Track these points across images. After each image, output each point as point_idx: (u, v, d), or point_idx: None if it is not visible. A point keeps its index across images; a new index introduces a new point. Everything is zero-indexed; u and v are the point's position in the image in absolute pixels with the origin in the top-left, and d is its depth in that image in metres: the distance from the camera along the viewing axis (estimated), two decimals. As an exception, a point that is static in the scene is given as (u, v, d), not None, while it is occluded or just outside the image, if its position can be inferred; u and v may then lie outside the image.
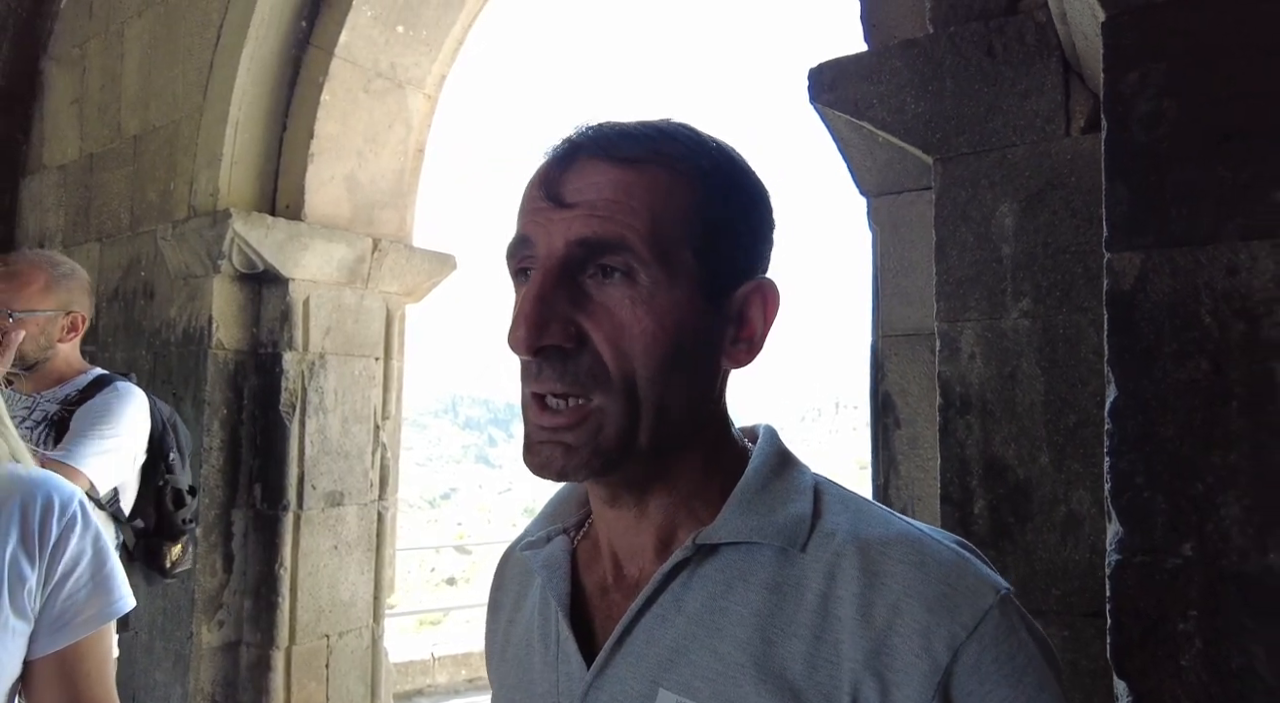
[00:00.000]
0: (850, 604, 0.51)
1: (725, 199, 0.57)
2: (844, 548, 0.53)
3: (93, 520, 0.98)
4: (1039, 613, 1.31)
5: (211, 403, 2.78)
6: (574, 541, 0.65)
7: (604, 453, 0.54)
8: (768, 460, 0.59)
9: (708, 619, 0.54)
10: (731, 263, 0.57)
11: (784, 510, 0.56)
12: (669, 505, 0.59)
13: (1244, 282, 0.81)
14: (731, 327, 0.58)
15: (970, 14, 1.41)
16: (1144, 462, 0.85)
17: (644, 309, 0.53)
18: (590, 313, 0.54)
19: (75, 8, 3.60)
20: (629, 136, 0.56)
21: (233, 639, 2.81)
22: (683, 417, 0.56)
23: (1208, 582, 0.80)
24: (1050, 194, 1.34)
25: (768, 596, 0.54)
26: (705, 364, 0.57)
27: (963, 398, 1.38)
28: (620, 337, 0.53)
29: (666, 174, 0.55)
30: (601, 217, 0.54)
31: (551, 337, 0.53)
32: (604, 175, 0.55)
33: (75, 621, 0.93)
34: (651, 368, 0.54)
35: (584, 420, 0.54)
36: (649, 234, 0.53)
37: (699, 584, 0.56)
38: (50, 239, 3.58)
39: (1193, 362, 0.83)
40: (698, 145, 0.58)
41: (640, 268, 0.53)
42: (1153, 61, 0.86)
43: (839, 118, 1.55)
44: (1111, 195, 0.89)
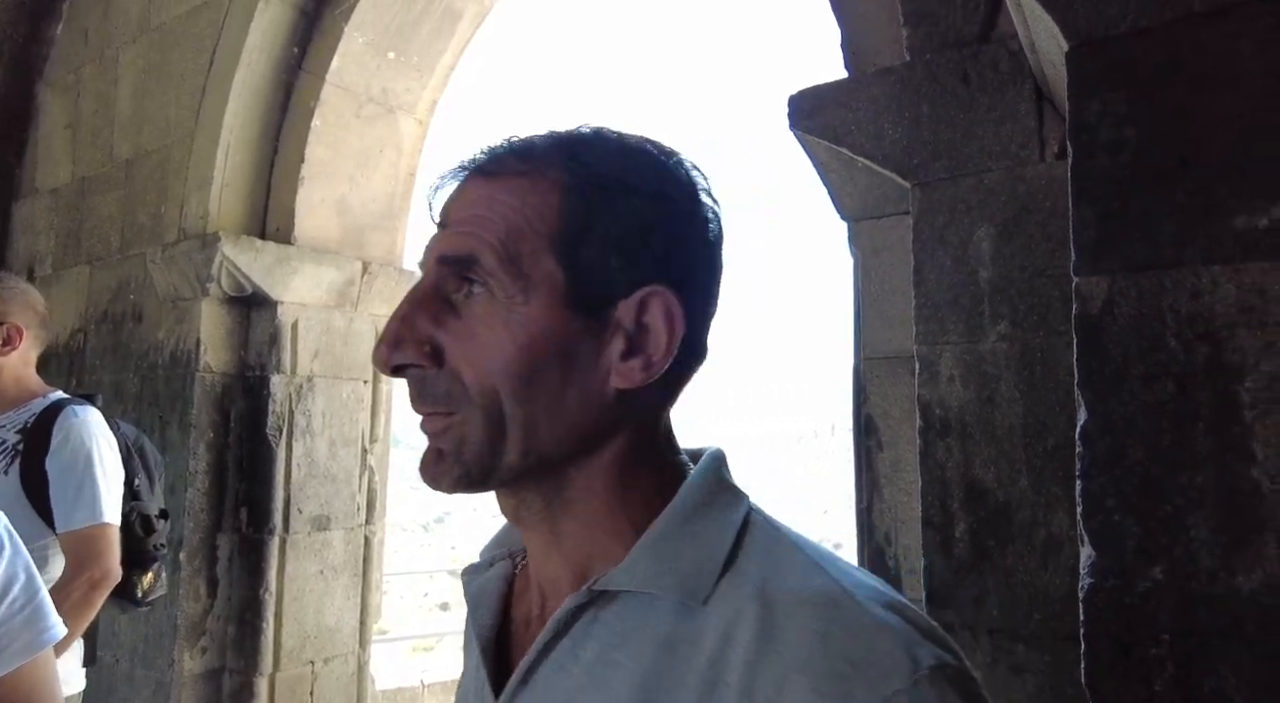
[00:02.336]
0: (737, 672, 0.45)
1: (598, 200, 0.52)
2: (746, 605, 0.47)
3: (21, 546, 0.94)
4: (1019, 637, 1.30)
5: (198, 426, 2.77)
6: (517, 567, 0.61)
7: (467, 463, 0.52)
8: (694, 494, 0.53)
9: (599, 673, 0.49)
10: (607, 271, 0.52)
11: (689, 555, 0.50)
12: (579, 537, 0.54)
13: (1206, 305, 0.82)
14: (620, 341, 0.52)
15: (946, 42, 1.44)
16: (1114, 484, 0.85)
17: (500, 324, 0.51)
18: (451, 331, 0.52)
19: (70, 34, 3.64)
20: (503, 151, 0.54)
21: (216, 666, 2.77)
22: (559, 435, 0.52)
23: (1178, 605, 0.80)
24: (1026, 219, 1.36)
25: (659, 653, 0.48)
26: (579, 381, 0.52)
27: (942, 421, 1.39)
28: (477, 353, 0.51)
29: (529, 181, 0.53)
30: (463, 233, 0.52)
31: (404, 356, 0.52)
32: (475, 192, 0.54)
33: (8, 650, 0.90)
34: (511, 384, 0.51)
35: (449, 429, 0.52)
36: (501, 245, 0.51)
37: (598, 632, 0.51)
38: (40, 262, 3.59)
39: (1160, 384, 0.84)
40: (578, 146, 0.54)
41: (493, 281, 0.51)
42: (1113, 90, 0.88)
43: (819, 144, 1.57)
44: (1078, 220, 0.91)
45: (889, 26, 1.61)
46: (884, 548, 1.61)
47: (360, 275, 2.99)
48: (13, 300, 1.76)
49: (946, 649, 0.45)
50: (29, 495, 1.63)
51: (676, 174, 0.55)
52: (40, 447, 1.65)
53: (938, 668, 0.43)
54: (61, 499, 1.63)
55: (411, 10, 2.98)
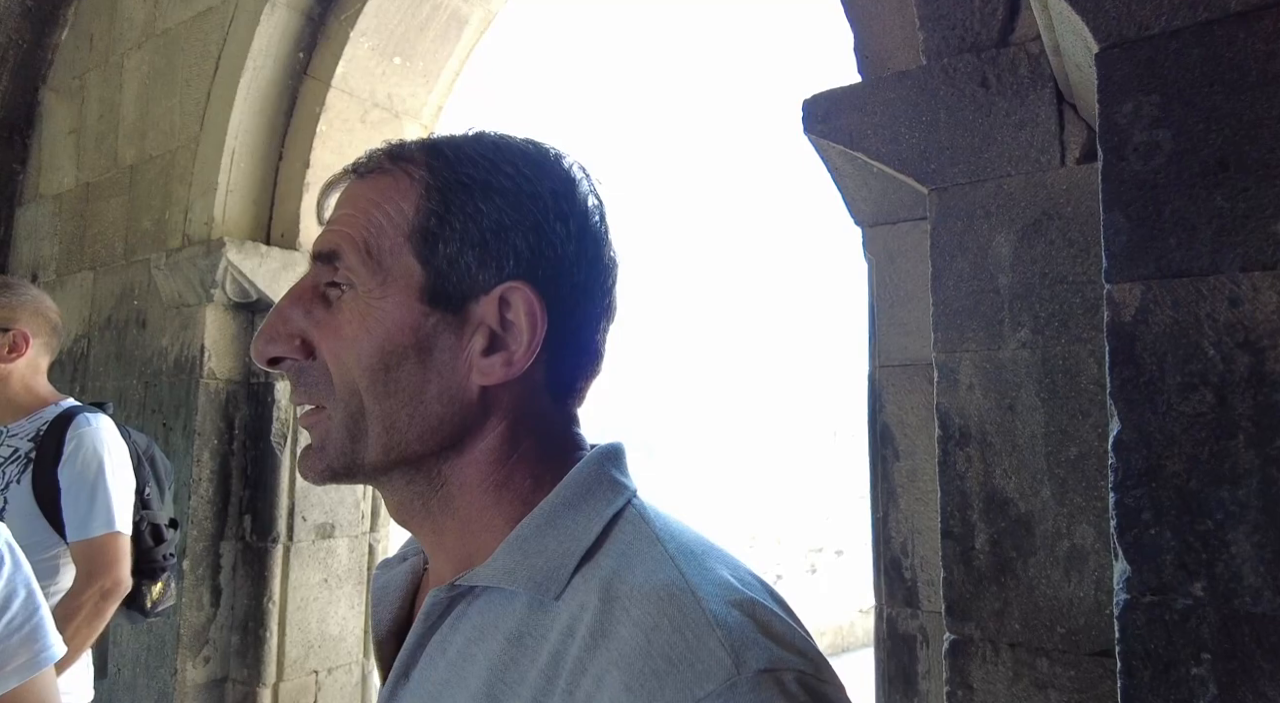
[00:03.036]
0: (569, 667, 0.44)
1: (456, 197, 0.52)
2: (589, 599, 0.46)
3: (22, 562, 0.92)
4: (1043, 651, 1.27)
5: (202, 433, 2.74)
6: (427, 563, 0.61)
7: (330, 457, 0.53)
8: (566, 491, 0.52)
9: (460, 667, 0.50)
10: (465, 267, 0.52)
11: (552, 550, 0.49)
12: (459, 534, 0.54)
13: (1247, 313, 0.79)
14: (481, 337, 0.52)
15: (963, 46, 1.42)
16: (1150, 497, 0.82)
17: (359, 318, 0.52)
18: (322, 326, 0.53)
19: (76, 40, 3.63)
20: (383, 151, 0.55)
21: (219, 676, 2.74)
22: (420, 432, 0.52)
23: (1221, 623, 0.77)
24: (1046, 224, 1.33)
25: (507, 648, 0.48)
26: (438, 378, 0.52)
27: (962, 430, 1.36)
28: (340, 348, 0.52)
29: (392, 179, 0.54)
30: (331, 230, 0.54)
31: (277, 349, 0.53)
32: (347, 191, 0.55)
33: (6, 668, 0.88)
34: (368, 378, 0.51)
35: (317, 424, 0.54)
36: (362, 241, 0.52)
37: (463, 626, 0.51)
38: (44, 267, 3.57)
39: (1197, 394, 0.81)
40: (446, 146, 0.55)
41: (354, 276, 0.52)
42: (1146, 92, 0.86)
43: (833, 149, 1.55)
44: (1110, 226, 0.88)
45: (902, 30, 1.59)
46: (900, 559, 1.58)
47: (365, 281, 2.98)
48: (21, 307, 1.74)
49: (798, 654, 0.41)
50: (41, 504, 1.61)
51: (553, 172, 0.54)
52: (52, 455, 1.64)
53: (767, 672, 0.39)
54: (73, 508, 1.61)
55: (417, 16, 2.97)
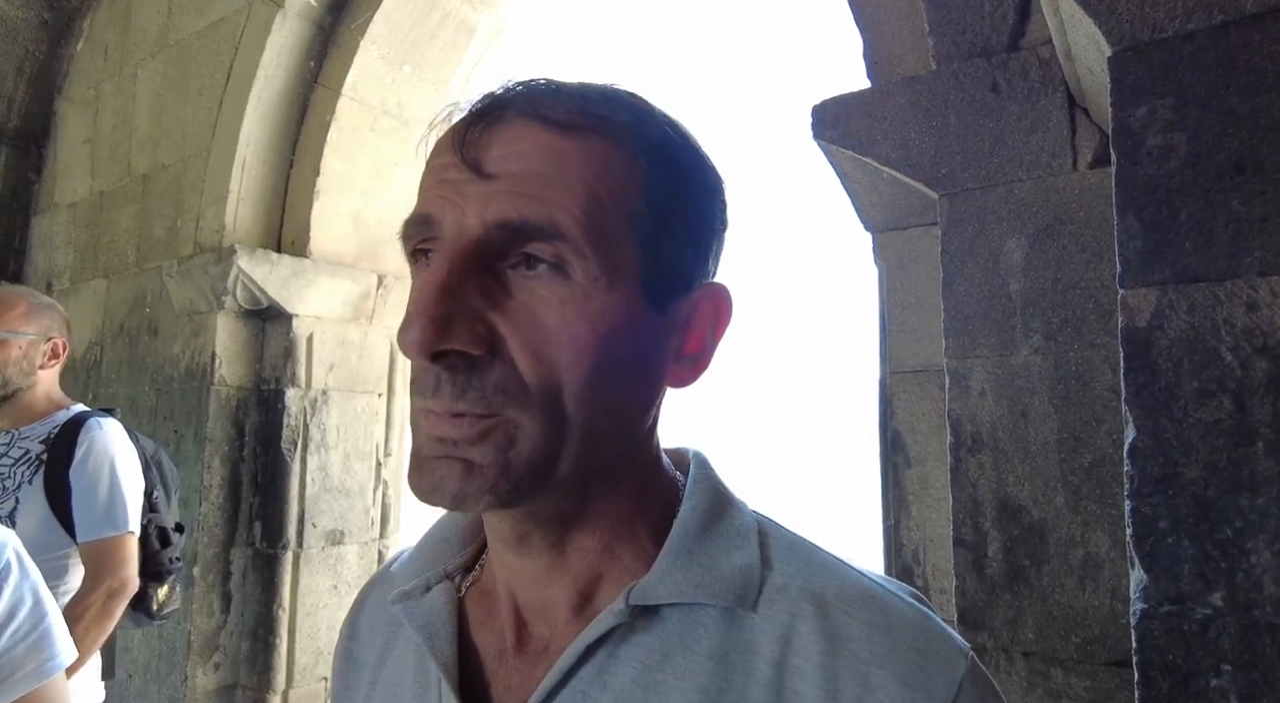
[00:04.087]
0: (811, 676, 0.42)
1: (677, 182, 0.47)
2: (800, 606, 0.45)
3: (29, 570, 0.92)
4: (1057, 661, 1.26)
5: (213, 439, 2.76)
6: (460, 589, 0.53)
7: (515, 476, 0.43)
8: (704, 497, 0.49)
9: (640, 697, 0.44)
10: (679, 261, 0.47)
11: (729, 561, 0.46)
12: (592, 552, 0.48)
13: (1265, 318, 0.78)
14: (677, 338, 0.47)
15: (973, 51, 1.41)
16: (1167, 505, 0.81)
17: (576, 311, 0.43)
18: (508, 312, 0.43)
19: (90, 50, 3.67)
20: (569, 97, 0.45)
21: (229, 683, 2.75)
22: (616, 444, 0.46)
23: (1241, 634, 0.76)
24: (1058, 229, 1.32)
25: (713, 667, 0.44)
26: (646, 382, 0.47)
27: (974, 436, 1.35)
28: (544, 343, 0.43)
29: (608, 146, 0.45)
30: (529, 195, 0.43)
31: (456, 339, 0.42)
32: (534, 142, 0.44)
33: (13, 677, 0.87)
34: (580, 382, 0.43)
35: (491, 433, 0.43)
36: (586, 218, 0.43)
37: (629, 653, 0.45)
38: (59, 275, 3.60)
39: (1215, 401, 0.80)
40: (645, 115, 0.47)
41: (575, 260, 0.43)
42: (1160, 95, 0.85)
43: (842, 154, 1.54)
44: (1124, 231, 0.88)
45: (912, 36, 1.59)
46: (912, 567, 1.57)
47: (375, 288, 2.99)
48: (56, 317, 1.81)
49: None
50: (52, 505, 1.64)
51: (715, 167, 0.51)
52: (64, 458, 1.66)
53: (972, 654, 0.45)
54: (84, 509, 1.63)
55: (426, 25, 2.99)
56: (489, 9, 3.06)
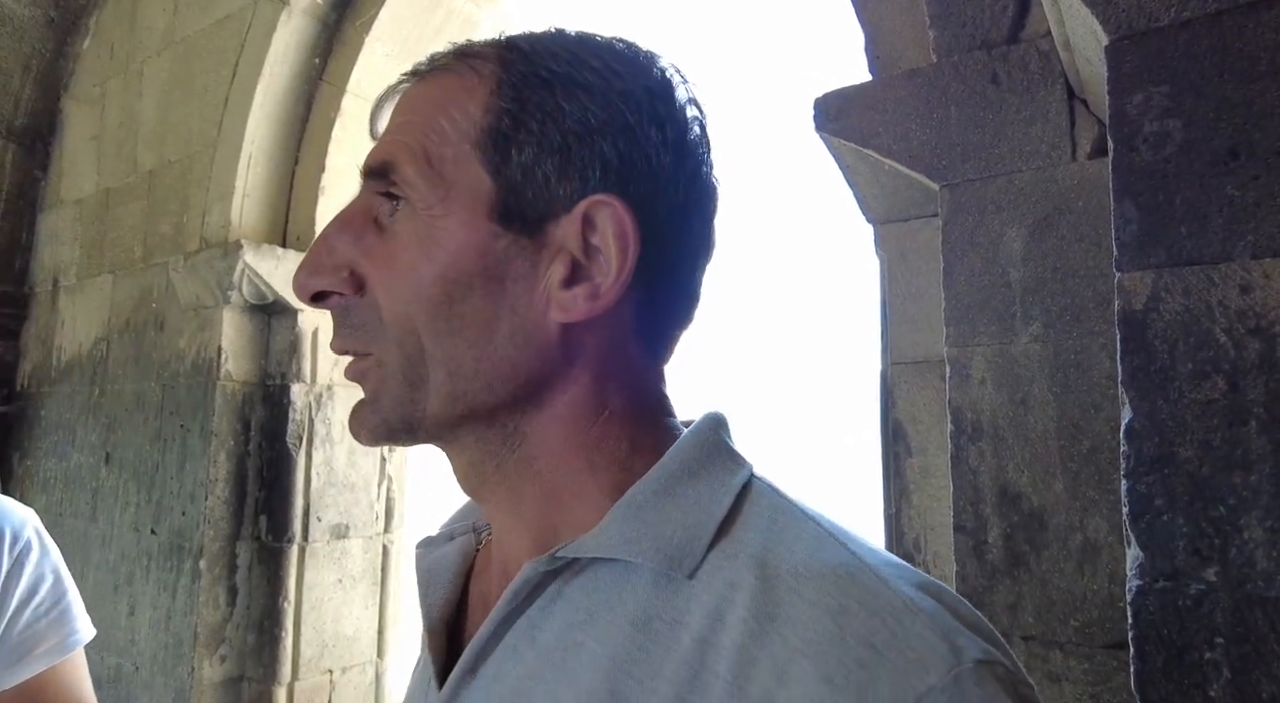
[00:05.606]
0: (729, 658, 0.36)
1: (534, 95, 0.43)
2: (741, 577, 0.39)
3: (50, 548, 0.94)
4: (1056, 644, 1.27)
5: (219, 434, 2.78)
6: (480, 542, 0.54)
7: (384, 412, 0.45)
8: (684, 454, 0.44)
9: (558, 657, 0.41)
10: (542, 179, 0.43)
11: (679, 520, 0.41)
12: (541, 500, 0.46)
13: (1258, 300, 0.80)
14: (561, 266, 0.44)
15: (974, 43, 1.43)
16: (1163, 483, 0.83)
17: (415, 242, 0.44)
18: (373, 255, 0.45)
19: (97, 48, 3.70)
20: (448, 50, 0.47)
21: (235, 675, 2.77)
22: (490, 379, 0.44)
23: (1234, 608, 0.78)
24: (1057, 219, 1.34)
25: (632, 633, 0.40)
26: (513, 312, 0.44)
27: (974, 424, 1.37)
28: (394, 279, 0.44)
29: (456, 76, 0.45)
30: (385, 141, 0.46)
31: (321, 282, 0.45)
32: (405, 96, 0.47)
33: (35, 653, 0.89)
34: (427, 313, 0.43)
35: (366, 374, 0.46)
36: (420, 148, 0.44)
37: (561, 609, 0.42)
38: (65, 272, 3.63)
39: (1209, 381, 0.82)
40: (522, 40, 0.46)
41: (411, 193, 0.44)
42: (1156, 83, 0.86)
43: (844, 146, 1.56)
44: (1120, 216, 0.89)
45: (913, 29, 1.61)
46: (913, 554, 1.58)
47: (380, 284, 3.01)
48: None
49: (995, 645, 0.36)
50: None
51: (645, 70, 0.46)
52: None
53: (984, 663, 0.34)
54: None
55: (431, 22, 3.01)
56: (492, 6, 3.08)
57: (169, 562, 2.84)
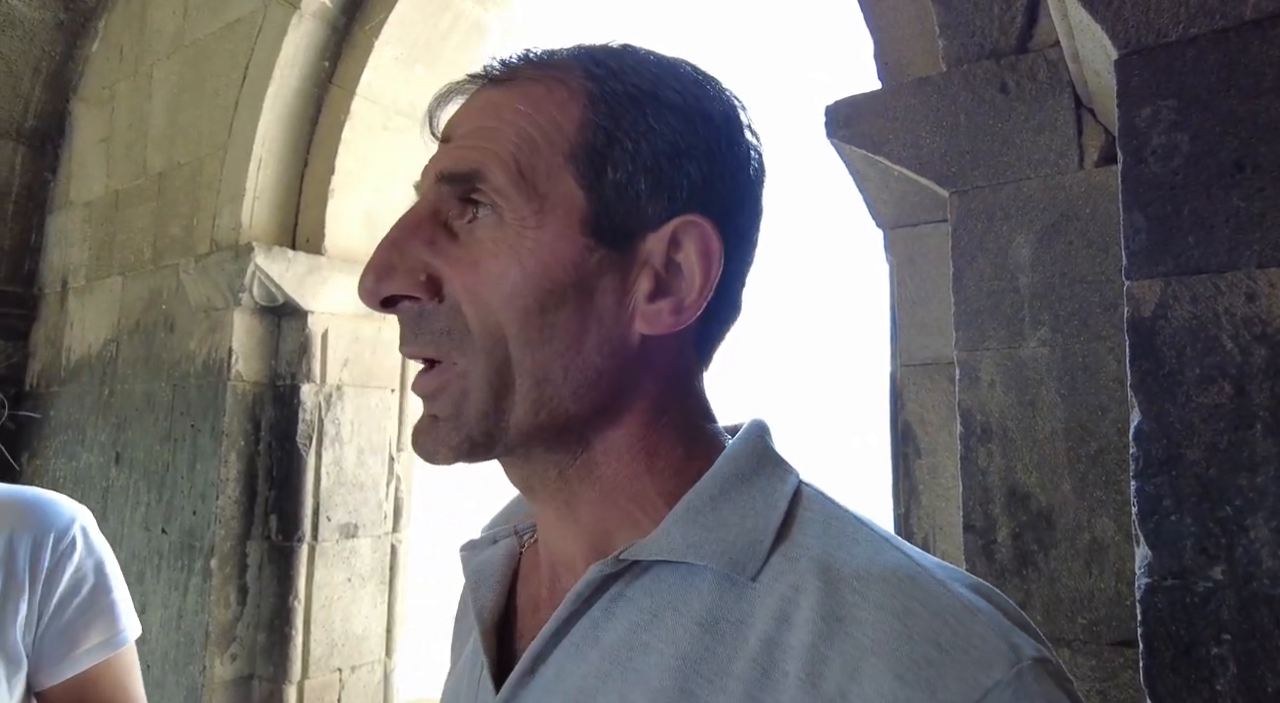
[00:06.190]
0: (799, 658, 0.38)
1: (627, 112, 0.44)
2: (806, 580, 0.40)
3: (96, 546, 0.95)
4: (1064, 642, 1.30)
5: (229, 434, 2.80)
6: (524, 545, 0.54)
7: (467, 428, 0.44)
8: (736, 461, 0.46)
9: (624, 657, 0.42)
10: (635, 195, 0.44)
11: (738, 524, 0.43)
12: (598, 505, 0.47)
13: (1263, 307, 0.83)
14: (646, 279, 0.45)
15: (982, 52, 1.46)
16: (1170, 485, 0.86)
17: (507, 251, 0.43)
18: (451, 259, 0.45)
19: (106, 51, 3.72)
20: (525, 57, 0.47)
21: (246, 673, 2.79)
22: (576, 387, 0.44)
23: (1240, 605, 0.80)
24: (1065, 226, 1.37)
25: (699, 634, 0.41)
26: (600, 324, 0.44)
27: (983, 426, 1.39)
28: (479, 284, 0.44)
29: (545, 87, 0.45)
30: (468, 147, 0.45)
31: (396, 285, 0.44)
32: (481, 99, 0.47)
33: (78, 650, 0.91)
34: (519, 322, 0.43)
35: (446, 387, 0.44)
36: (513, 160, 0.44)
37: (624, 610, 0.43)
38: (74, 273, 3.65)
39: (1216, 386, 0.85)
40: (604, 54, 0.46)
41: (501, 201, 0.44)
42: (1164, 97, 0.89)
43: (855, 153, 1.59)
44: (1129, 225, 0.92)
45: (922, 38, 1.63)
46: (922, 554, 1.61)
47: (389, 285, 3.03)
48: None
49: (1043, 644, 0.39)
50: None
51: (718, 96, 0.48)
52: None
53: (1040, 661, 0.36)
54: None
55: (439, 25, 3.03)
56: (500, 9, 3.11)
57: (180, 561, 2.87)
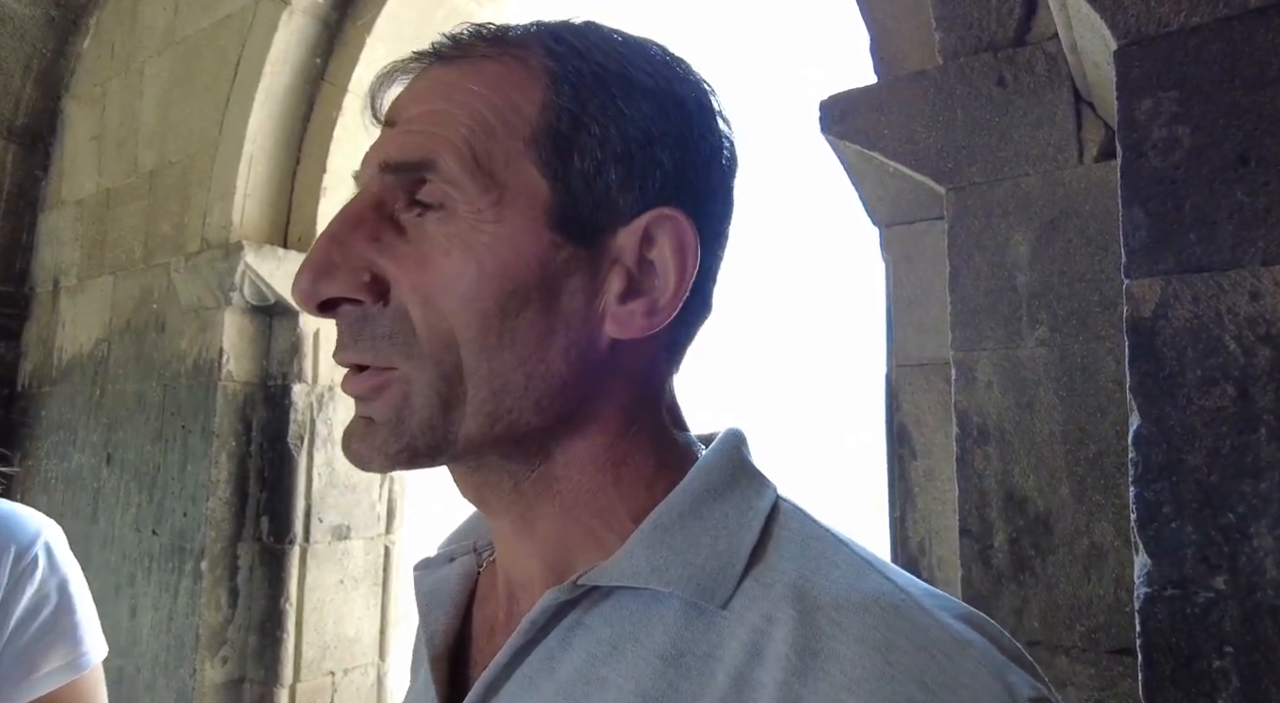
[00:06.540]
0: (769, 698, 0.34)
1: (594, 94, 0.40)
2: (779, 609, 0.37)
3: (60, 564, 0.91)
4: (1062, 649, 1.27)
5: (220, 435, 2.78)
6: (483, 564, 0.50)
7: (408, 435, 0.40)
8: (708, 475, 0.42)
9: (580, 693, 0.39)
10: (598, 182, 0.40)
11: (708, 546, 0.39)
12: (559, 521, 0.43)
13: (1268, 307, 0.80)
14: (618, 278, 0.41)
15: (980, 45, 1.43)
16: (1171, 491, 0.83)
17: (461, 248, 0.39)
18: (399, 257, 0.40)
19: (97, 48, 3.69)
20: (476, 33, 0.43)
21: (236, 676, 2.77)
22: (539, 398, 0.40)
23: (1243, 616, 0.77)
24: (1064, 223, 1.34)
25: (662, 669, 0.37)
26: (567, 328, 0.40)
27: (980, 428, 1.36)
28: (431, 286, 0.39)
29: (500, 66, 0.41)
30: (415, 132, 0.40)
31: (337, 287, 0.40)
32: (430, 79, 0.42)
33: (37, 674, 0.86)
34: (475, 328, 0.39)
35: (385, 388, 0.40)
36: (467, 147, 0.39)
37: (581, 640, 0.40)
38: (65, 273, 3.62)
39: (1218, 388, 0.82)
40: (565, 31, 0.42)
41: (455, 192, 0.39)
42: (1165, 89, 0.86)
43: (850, 149, 1.56)
44: (1129, 222, 0.89)
45: (919, 31, 1.60)
46: (918, 559, 1.58)
47: (381, 284, 3.01)
48: None
49: (1039, 679, 0.36)
50: None
51: (688, 80, 0.44)
52: None
53: (1037, 701, 0.33)
54: None
55: (431, 22, 3.00)
56: (495, 5, 3.08)
57: (170, 563, 2.84)
